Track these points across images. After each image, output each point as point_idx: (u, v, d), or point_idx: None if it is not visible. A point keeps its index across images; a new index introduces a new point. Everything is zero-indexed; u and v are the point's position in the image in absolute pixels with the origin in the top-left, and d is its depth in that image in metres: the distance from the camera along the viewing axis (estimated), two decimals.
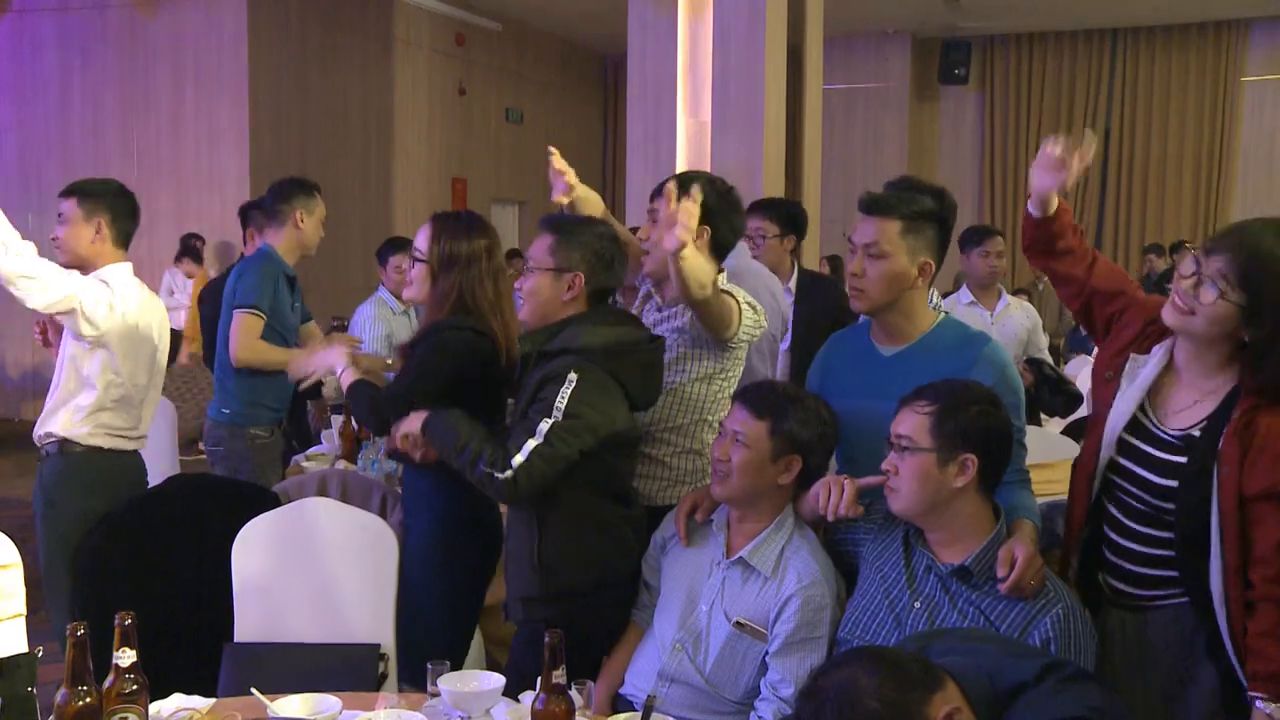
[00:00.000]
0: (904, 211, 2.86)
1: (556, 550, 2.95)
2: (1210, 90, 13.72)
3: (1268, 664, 2.42)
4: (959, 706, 1.91)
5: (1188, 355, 2.61)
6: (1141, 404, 2.64)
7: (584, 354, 2.93)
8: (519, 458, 2.83)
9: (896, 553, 2.65)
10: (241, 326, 4.51)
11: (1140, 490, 2.61)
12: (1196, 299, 2.49)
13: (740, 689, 2.71)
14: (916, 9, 12.07)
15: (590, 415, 2.90)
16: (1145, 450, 2.61)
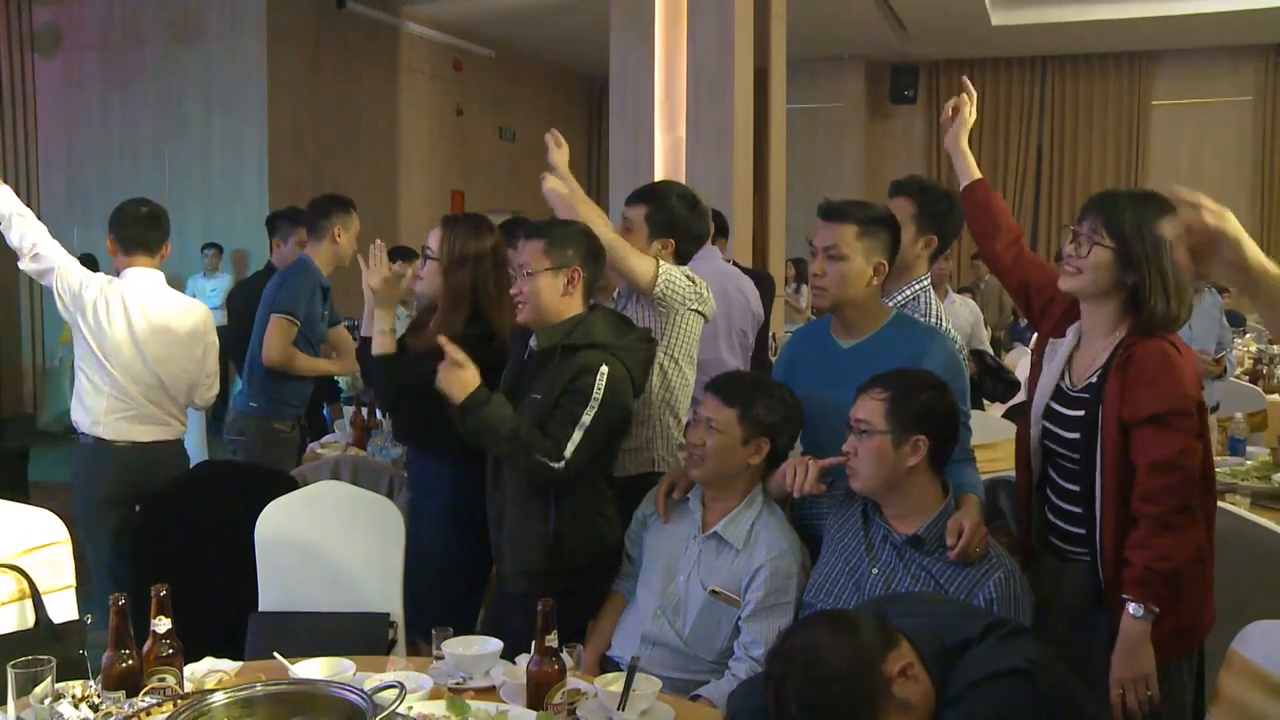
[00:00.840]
0: (859, 217, 2.87)
1: (568, 529, 2.92)
2: (1127, 113, 13.82)
3: (1134, 571, 2.42)
4: (912, 662, 1.91)
5: (1089, 319, 2.62)
6: (1061, 375, 2.65)
7: (607, 348, 2.91)
8: (570, 448, 2.81)
9: (856, 525, 2.64)
10: (276, 330, 4.50)
11: (1061, 448, 2.61)
12: (1079, 258, 2.54)
13: (716, 650, 2.69)
14: (869, 36, 12.07)
15: (621, 403, 2.91)
16: (1063, 412, 2.61)
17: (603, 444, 2.89)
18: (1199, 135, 13.62)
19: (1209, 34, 12.60)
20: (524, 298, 2.99)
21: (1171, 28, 12.00)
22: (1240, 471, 4.31)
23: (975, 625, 2.03)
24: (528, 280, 2.98)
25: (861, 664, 1.87)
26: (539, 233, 3.05)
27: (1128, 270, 2.49)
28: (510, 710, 2.04)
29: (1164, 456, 2.42)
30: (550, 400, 2.89)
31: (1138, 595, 2.41)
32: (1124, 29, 11.93)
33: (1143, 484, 2.44)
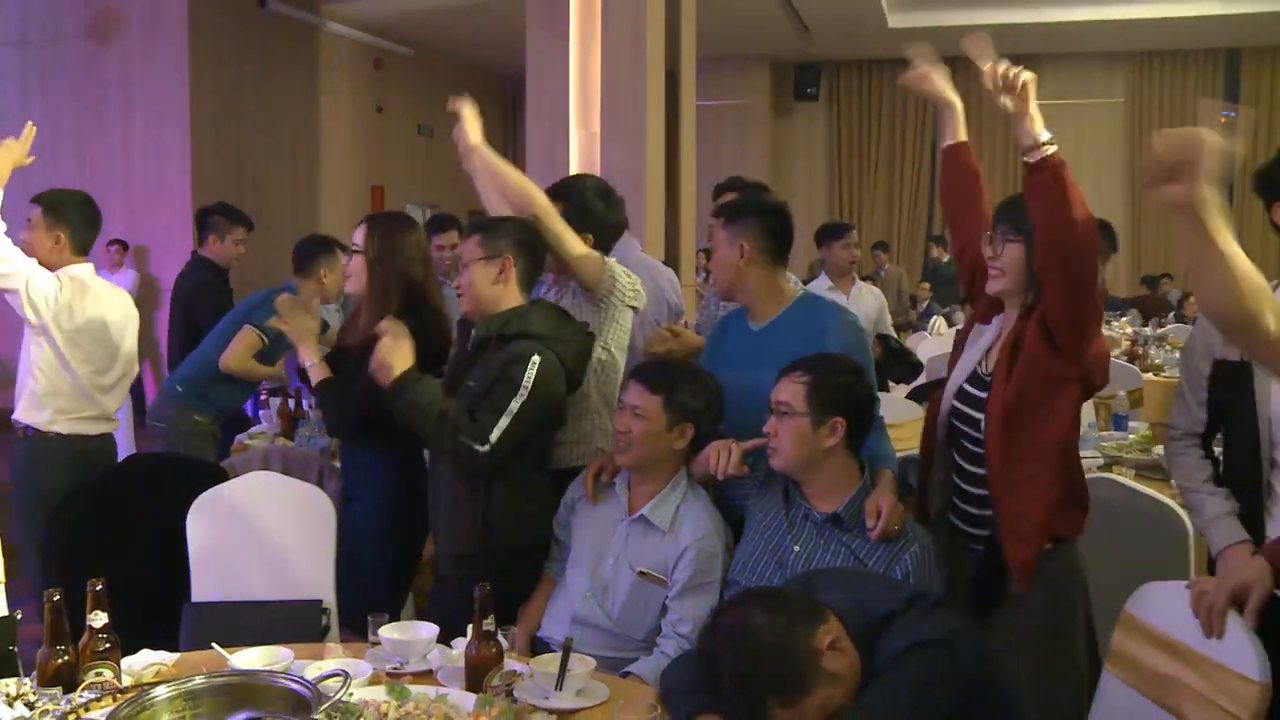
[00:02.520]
0: (724, 210, 3.02)
1: (500, 514, 2.87)
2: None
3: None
4: (839, 635, 1.91)
5: (1013, 317, 2.64)
6: (980, 360, 2.67)
7: (541, 339, 2.87)
8: (495, 433, 2.76)
9: (777, 504, 2.64)
10: (244, 341, 4.54)
11: (974, 430, 2.64)
12: (997, 260, 2.60)
13: (644, 630, 2.67)
14: (773, 37, 12.12)
15: (550, 393, 2.85)
16: (977, 395, 2.63)
17: (531, 432, 2.84)
18: (1077, 134, 13.92)
19: (1084, 40, 12.90)
20: (463, 289, 2.97)
21: (1051, 33, 12.26)
22: (1125, 445, 4.43)
23: (898, 598, 2.03)
24: (465, 271, 2.96)
25: (792, 638, 1.86)
26: (476, 226, 3.05)
27: (1035, 258, 2.53)
28: (449, 693, 1.99)
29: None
30: (483, 388, 2.85)
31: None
32: (1008, 33, 12.11)
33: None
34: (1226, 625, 2.13)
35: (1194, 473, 2.65)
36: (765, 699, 1.84)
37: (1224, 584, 2.17)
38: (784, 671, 1.85)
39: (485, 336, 2.91)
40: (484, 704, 1.90)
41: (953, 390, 2.70)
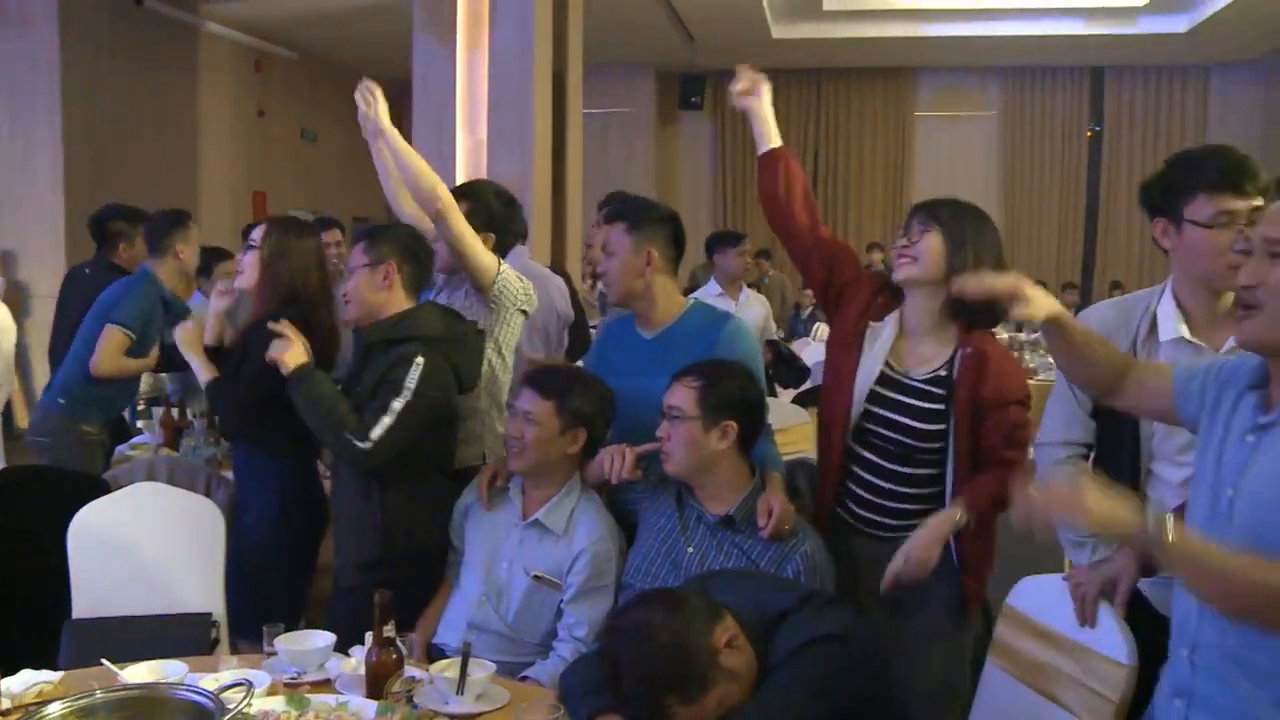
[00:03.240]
0: (626, 214, 2.98)
1: (394, 519, 2.88)
2: (893, 122, 14.44)
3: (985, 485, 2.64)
4: (736, 633, 1.96)
5: (919, 312, 2.73)
6: (886, 361, 2.75)
7: (426, 340, 2.88)
8: (377, 431, 2.78)
9: (670, 507, 2.68)
10: (110, 341, 4.32)
11: (895, 433, 2.70)
12: (912, 246, 2.67)
13: (540, 633, 2.69)
14: (659, 46, 12.22)
15: (434, 394, 2.86)
16: (899, 399, 2.70)
17: (417, 433, 2.85)
18: (955, 145, 14.36)
19: (960, 55, 13.31)
20: (349, 296, 2.98)
21: (928, 47, 12.62)
22: None
23: (791, 596, 2.09)
24: (350, 278, 2.98)
25: (690, 638, 1.90)
26: (361, 234, 3.06)
27: (956, 254, 2.62)
28: (350, 701, 1.98)
29: (1020, 421, 2.67)
30: (369, 391, 2.86)
31: (965, 502, 2.61)
32: (888, 46, 12.46)
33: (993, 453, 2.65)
34: (1098, 614, 2.25)
35: None
36: (665, 697, 1.88)
37: (1095, 576, 2.29)
38: (683, 670, 1.89)
39: (372, 341, 2.93)
40: (385, 711, 1.90)
41: (862, 393, 2.75)
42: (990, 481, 2.61)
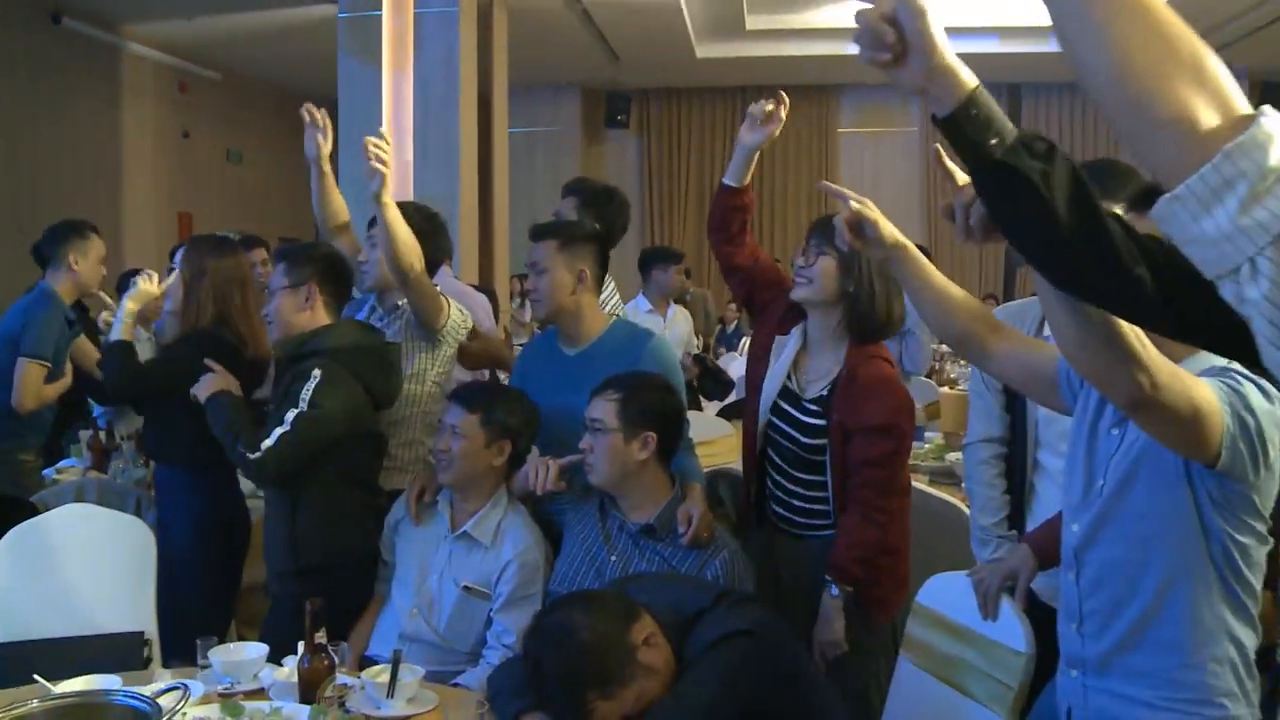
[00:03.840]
0: (558, 232, 3.04)
1: (307, 531, 2.95)
2: (818, 138, 14.71)
3: (836, 554, 2.76)
4: (654, 631, 2.06)
5: (817, 328, 2.89)
6: (788, 374, 2.90)
7: (329, 354, 2.95)
8: (268, 442, 2.86)
9: (594, 517, 2.77)
10: (28, 377, 4.19)
11: (792, 445, 2.86)
12: (808, 268, 2.82)
13: (470, 642, 2.76)
14: (585, 65, 12.35)
15: (331, 406, 2.91)
16: (793, 414, 2.86)
17: (314, 443, 2.91)
18: (877, 161, 14.66)
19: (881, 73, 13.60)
20: (271, 316, 3.07)
21: (850, 65, 12.84)
22: (920, 454, 4.78)
23: (707, 595, 2.20)
24: (272, 299, 3.06)
25: (609, 636, 2.01)
26: (282, 255, 3.14)
27: (848, 277, 2.78)
28: (283, 706, 2.05)
29: (876, 455, 2.75)
30: (276, 409, 2.95)
31: (837, 577, 2.74)
32: (811, 64, 12.69)
33: (859, 475, 2.76)
34: (999, 607, 2.39)
35: (991, 509, 2.83)
36: (586, 693, 1.98)
37: (996, 571, 2.43)
38: (602, 667, 1.99)
39: (280, 358, 3.03)
40: (317, 715, 1.97)
41: (767, 404, 2.91)
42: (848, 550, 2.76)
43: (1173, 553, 1.79)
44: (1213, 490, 1.74)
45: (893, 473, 2.82)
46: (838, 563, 2.77)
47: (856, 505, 2.78)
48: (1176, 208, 0.91)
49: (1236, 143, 0.88)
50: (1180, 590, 1.79)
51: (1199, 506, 1.76)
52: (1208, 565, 1.77)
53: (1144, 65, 0.94)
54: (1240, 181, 0.87)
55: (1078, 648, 1.93)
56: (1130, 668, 1.84)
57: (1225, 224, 0.88)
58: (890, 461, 2.81)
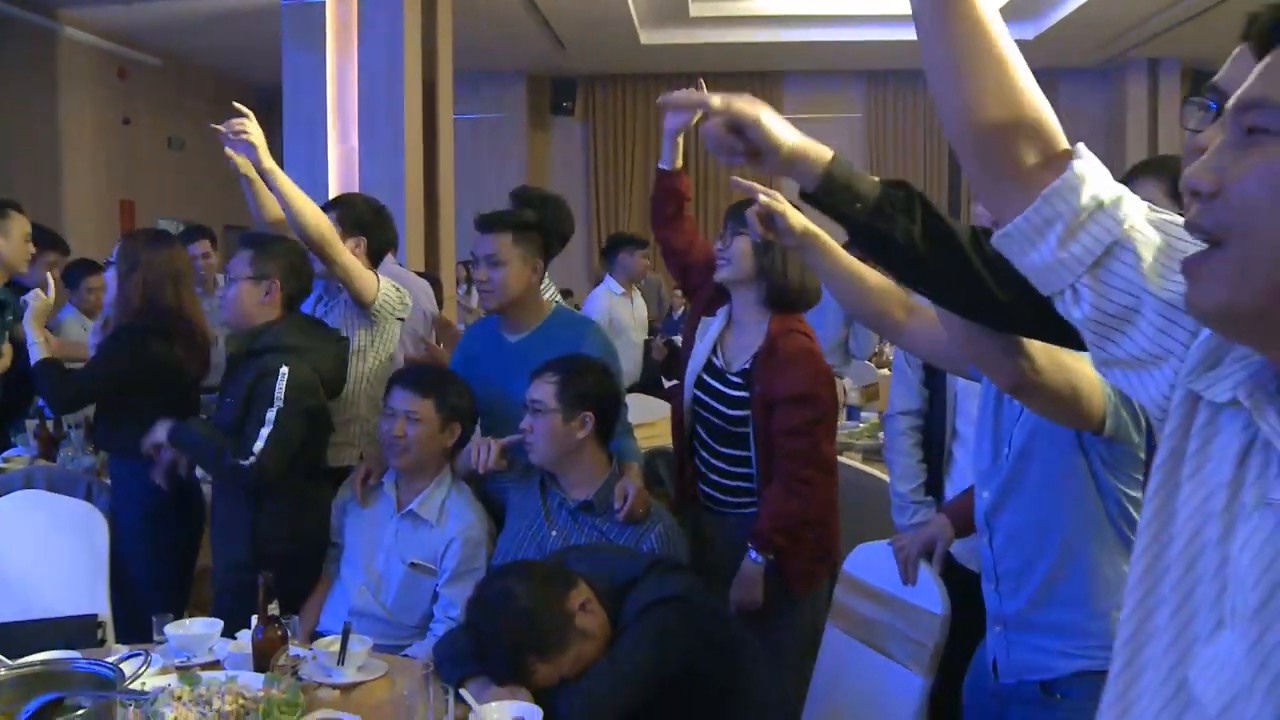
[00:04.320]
0: (512, 224, 3.12)
1: (267, 523, 3.03)
2: None
3: (759, 523, 2.91)
4: (590, 598, 2.20)
5: (739, 306, 3.04)
6: (714, 351, 3.04)
7: (290, 350, 3.02)
8: (258, 445, 2.91)
9: (535, 495, 2.89)
10: None
11: (718, 420, 3.00)
12: (726, 250, 2.97)
13: (418, 616, 2.89)
14: (530, 51, 12.40)
15: (309, 400, 3.01)
16: (718, 387, 3.00)
17: (296, 439, 2.99)
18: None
19: (825, 59, 13.78)
20: (226, 302, 3.12)
21: (794, 51, 13.05)
22: (856, 433, 4.96)
23: (639, 564, 2.35)
24: (231, 285, 3.10)
25: (548, 602, 2.14)
26: (249, 242, 3.18)
27: (765, 253, 2.93)
28: (239, 675, 2.16)
29: (796, 424, 2.89)
30: (240, 404, 3.00)
31: (757, 545, 2.88)
32: (756, 51, 12.83)
33: (781, 447, 2.90)
34: (918, 572, 2.56)
35: (908, 476, 3.08)
36: (526, 656, 2.11)
37: (916, 539, 2.60)
38: (541, 632, 2.12)
39: (237, 352, 3.08)
40: (272, 681, 2.08)
41: (691, 380, 3.06)
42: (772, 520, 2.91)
43: (1073, 513, 1.96)
44: (1103, 453, 1.91)
45: (814, 441, 2.95)
46: (760, 531, 2.91)
47: (780, 477, 2.92)
48: (1007, 242, 1.09)
49: (1053, 187, 1.04)
50: (1082, 547, 1.97)
51: (1092, 469, 1.93)
52: (1105, 523, 1.95)
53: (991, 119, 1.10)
54: (1058, 221, 1.05)
55: (997, 606, 2.10)
56: (1044, 621, 2.00)
57: (1049, 256, 1.06)
58: (812, 430, 2.94)
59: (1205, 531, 0.95)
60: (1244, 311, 0.88)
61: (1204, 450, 0.97)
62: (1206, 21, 10.34)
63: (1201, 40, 10.99)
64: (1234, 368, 0.95)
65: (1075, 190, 1.04)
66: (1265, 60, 0.89)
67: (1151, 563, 0.99)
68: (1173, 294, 1.00)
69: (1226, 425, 0.96)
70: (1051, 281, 1.08)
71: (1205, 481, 0.95)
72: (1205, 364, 0.98)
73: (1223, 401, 0.95)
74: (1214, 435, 0.97)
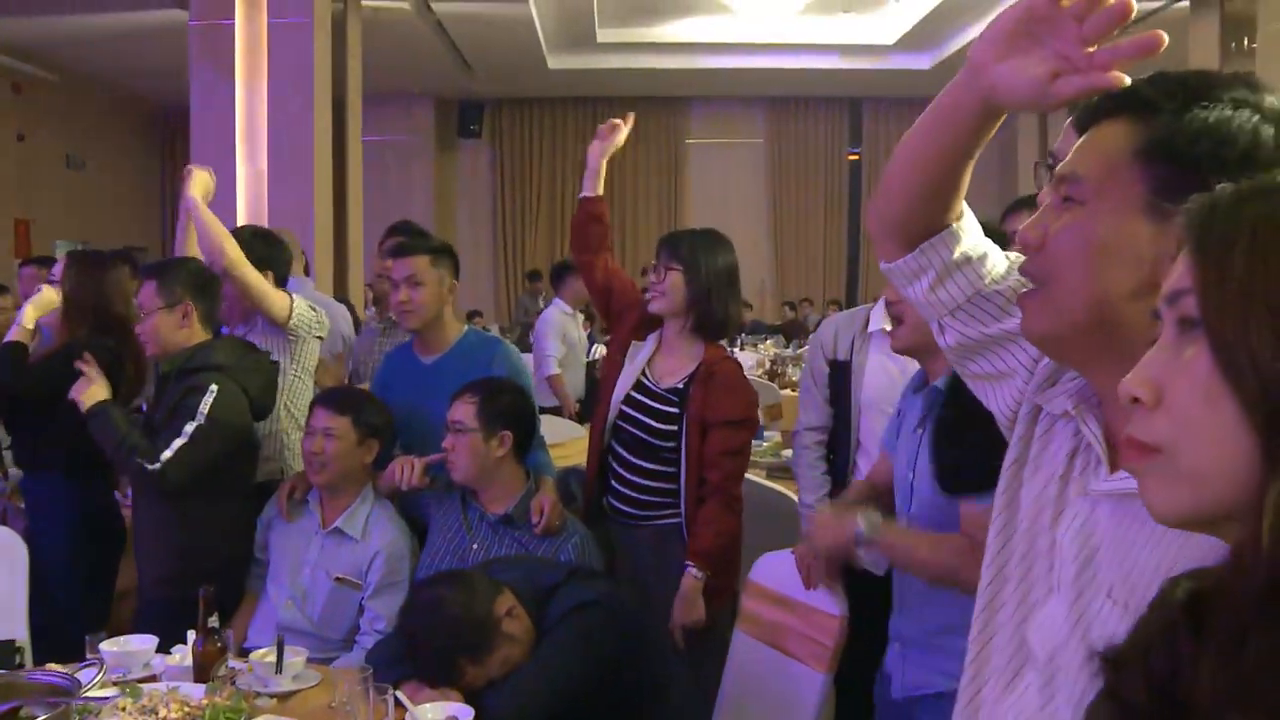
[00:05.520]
0: (429, 248, 3.32)
1: (195, 537, 3.10)
2: (668, 148, 15.16)
3: (700, 542, 3.06)
4: (514, 604, 2.36)
5: (672, 332, 3.22)
6: (643, 372, 3.21)
7: (220, 370, 3.11)
8: (167, 453, 2.99)
9: (456, 510, 3.02)
10: None
11: (643, 434, 3.16)
12: (659, 284, 3.15)
13: (344, 629, 2.99)
14: (438, 75, 12.49)
15: (230, 419, 3.09)
16: (648, 404, 3.16)
17: (212, 456, 3.06)
18: (725, 170, 15.20)
19: (728, 85, 14.14)
20: (146, 336, 3.19)
21: (699, 78, 13.37)
22: (759, 451, 5.18)
23: (560, 572, 2.51)
24: (147, 318, 3.18)
25: (476, 608, 2.29)
26: (152, 273, 3.25)
27: (695, 285, 3.12)
28: (180, 686, 2.25)
29: (735, 445, 3.09)
30: (166, 417, 3.09)
31: (700, 563, 3.03)
32: (661, 77, 13.12)
33: (719, 466, 3.07)
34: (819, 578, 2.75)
35: (814, 487, 3.28)
36: (457, 659, 2.26)
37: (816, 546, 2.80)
38: (470, 636, 2.27)
39: (169, 371, 3.16)
40: (214, 689, 2.19)
41: (620, 397, 3.22)
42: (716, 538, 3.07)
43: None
44: None
45: (744, 461, 3.20)
46: (701, 549, 3.05)
47: (718, 495, 3.08)
48: (893, 276, 1.29)
49: (930, 242, 1.25)
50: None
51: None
52: None
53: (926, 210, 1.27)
54: (930, 269, 1.26)
55: (899, 626, 2.31)
56: (940, 647, 2.16)
57: (922, 295, 1.28)
58: (745, 451, 3.18)
59: (1041, 518, 1.17)
60: (1061, 337, 1.10)
61: (1043, 453, 1.19)
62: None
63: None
64: (1067, 386, 1.17)
65: (949, 246, 1.25)
66: (1079, 141, 1.10)
67: (1002, 545, 1.20)
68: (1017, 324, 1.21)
69: (1060, 432, 1.18)
70: (926, 313, 1.31)
71: (1043, 477, 1.17)
72: (1047, 382, 1.20)
73: (1058, 413, 1.17)
74: (1051, 440, 1.19)
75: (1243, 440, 0.67)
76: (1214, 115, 1.02)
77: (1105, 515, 1.08)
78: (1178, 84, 1.05)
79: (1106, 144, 1.07)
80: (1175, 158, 1.02)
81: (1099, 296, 1.04)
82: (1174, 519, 0.75)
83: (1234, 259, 0.68)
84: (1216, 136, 1.01)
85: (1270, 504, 0.64)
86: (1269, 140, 1.00)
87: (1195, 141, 1.01)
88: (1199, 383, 0.70)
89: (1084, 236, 1.06)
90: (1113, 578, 1.05)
